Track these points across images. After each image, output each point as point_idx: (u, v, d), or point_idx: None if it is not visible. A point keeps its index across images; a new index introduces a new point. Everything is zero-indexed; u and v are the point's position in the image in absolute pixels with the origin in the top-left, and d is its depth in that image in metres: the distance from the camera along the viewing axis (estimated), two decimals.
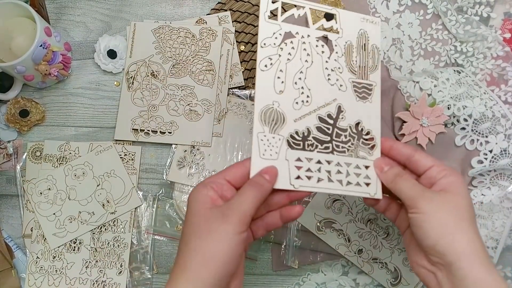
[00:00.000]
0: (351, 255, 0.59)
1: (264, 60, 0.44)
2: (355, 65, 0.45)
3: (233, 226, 0.38)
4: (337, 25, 0.46)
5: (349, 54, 0.46)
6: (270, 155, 0.43)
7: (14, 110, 0.62)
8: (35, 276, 0.60)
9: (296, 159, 0.43)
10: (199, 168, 0.62)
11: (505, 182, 0.59)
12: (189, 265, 0.38)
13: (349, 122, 0.45)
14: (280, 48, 0.45)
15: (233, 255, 0.38)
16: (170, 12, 0.67)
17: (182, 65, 0.64)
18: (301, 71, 0.45)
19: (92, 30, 0.67)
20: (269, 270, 0.61)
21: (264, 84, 0.44)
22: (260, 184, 0.40)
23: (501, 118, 0.58)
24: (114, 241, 0.61)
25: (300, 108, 0.44)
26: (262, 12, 0.45)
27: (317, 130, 0.44)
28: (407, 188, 0.42)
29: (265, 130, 0.43)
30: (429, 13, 0.64)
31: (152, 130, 0.63)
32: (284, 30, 0.45)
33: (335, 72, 0.45)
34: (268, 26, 0.45)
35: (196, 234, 0.39)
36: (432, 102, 0.59)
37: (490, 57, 0.62)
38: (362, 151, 0.45)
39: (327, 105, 0.45)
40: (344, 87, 0.45)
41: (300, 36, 0.46)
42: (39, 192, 0.61)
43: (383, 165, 0.45)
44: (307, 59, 0.45)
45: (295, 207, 0.43)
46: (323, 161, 0.44)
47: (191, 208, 0.41)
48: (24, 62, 0.56)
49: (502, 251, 0.59)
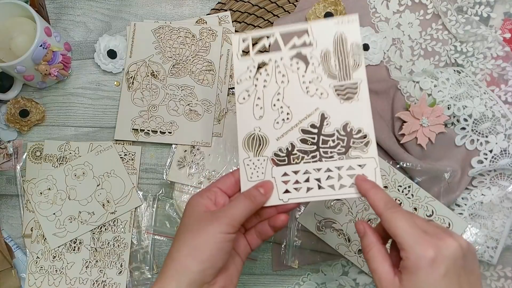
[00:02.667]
0: (351, 255, 0.59)
1: (241, 94, 0.47)
2: (335, 69, 0.45)
3: (221, 226, 0.41)
4: (309, 39, 0.46)
5: (327, 61, 0.46)
6: (257, 177, 0.46)
7: (14, 110, 0.62)
8: (35, 276, 0.60)
9: (283, 175, 0.45)
10: (199, 168, 0.62)
11: (505, 182, 0.59)
12: (177, 256, 0.41)
13: (336, 126, 0.45)
14: (255, 78, 0.47)
15: (219, 250, 0.41)
16: (170, 12, 0.67)
17: (182, 65, 0.64)
18: (278, 93, 0.46)
19: (92, 30, 0.67)
20: (269, 270, 0.61)
21: (244, 114, 0.47)
22: (253, 196, 0.44)
23: (501, 118, 0.58)
24: (114, 241, 0.61)
25: (281, 126, 0.46)
26: (235, 53, 0.48)
27: (301, 142, 0.45)
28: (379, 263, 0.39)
29: (249, 155, 0.46)
30: (429, 13, 0.64)
31: (152, 130, 0.63)
32: (257, 61, 0.47)
33: (313, 83, 0.46)
34: (241, 63, 0.47)
35: (187, 230, 0.43)
36: (432, 102, 0.59)
37: (490, 57, 0.62)
38: (355, 151, 0.44)
39: (308, 116, 0.46)
40: (325, 94, 0.45)
41: (273, 61, 0.47)
42: (39, 192, 0.61)
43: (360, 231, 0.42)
44: (283, 80, 0.46)
45: (280, 216, 0.45)
46: (311, 170, 0.45)
47: (187, 212, 0.45)
48: (24, 62, 0.56)
49: (502, 251, 0.59)
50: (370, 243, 0.41)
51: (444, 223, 0.58)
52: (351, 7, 0.65)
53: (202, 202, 0.44)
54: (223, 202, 0.45)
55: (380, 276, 0.39)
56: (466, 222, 0.58)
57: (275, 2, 0.66)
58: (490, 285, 0.60)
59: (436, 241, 0.37)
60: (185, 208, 0.45)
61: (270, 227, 0.46)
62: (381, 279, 0.39)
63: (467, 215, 0.59)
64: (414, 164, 0.59)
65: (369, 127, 0.45)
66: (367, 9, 0.65)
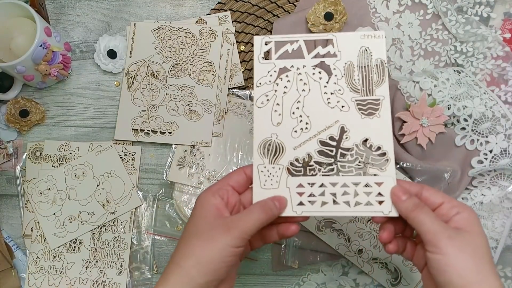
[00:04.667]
0: (351, 255, 0.59)
1: (260, 97, 0.46)
2: (357, 83, 0.45)
3: (232, 240, 0.40)
4: (334, 49, 0.46)
5: (350, 74, 0.45)
6: (271, 185, 0.44)
7: (14, 110, 0.62)
8: (35, 276, 0.60)
9: (298, 186, 0.44)
10: (199, 168, 0.62)
11: (505, 182, 0.59)
12: (183, 264, 0.41)
13: (355, 141, 0.44)
14: (275, 83, 0.46)
15: (225, 264, 0.40)
16: (170, 12, 0.67)
17: (182, 65, 0.64)
18: (298, 101, 0.45)
19: (92, 30, 0.67)
20: (269, 270, 0.61)
21: (262, 119, 0.46)
22: (269, 208, 0.42)
23: (501, 118, 0.58)
24: (114, 241, 0.61)
25: (299, 135, 0.45)
26: (256, 55, 0.47)
27: (319, 154, 0.44)
28: (429, 222, 0.40)
29: (264, 162, 0.45)
30: (429, 13, 0.64)
31: (152, 130, 0.63)
32: (279, 66, 0.46)
33: (335, 95, 0.45)
34: (262, 66, 0.46)
35: (197, 237, 0.41)
36: (432, 102, 0.59)
37: (490, 57, 0.62)
38: (373, 168, 0.43)
39: (328, 128, 0.45)
40: (346, 108, 0.45)
41: (296, 68, 0.46)
42: (39, 192, 0.61)
43: (401, 194, 0.42)
44: (304, 88, 0.46)
45: (291, 226, 0.44)
46: (327, 184, 0.44)
47: (199, 212, 0.43)
48: (24, 62, 0.56)
49: (502, 251, 0.59)
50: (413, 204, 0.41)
51: None
52: (351, 7, 0.65)
53: (214, 203, 0.43)
54: (234, 202, 0.44)
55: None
56: None
57: (275, 2, 0.66)
58: None
59: None
60: (195, 206, 0.44)
61: (277, 234, 0.45)
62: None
63: None
64: (414, 164, 0.59)
65: (389, 145, 0.44)
66: (367, 9, 0.65)
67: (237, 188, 0.45)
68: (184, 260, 0.41)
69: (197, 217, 0.43)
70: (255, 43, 0.47)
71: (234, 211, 0.44)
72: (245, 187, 0.45)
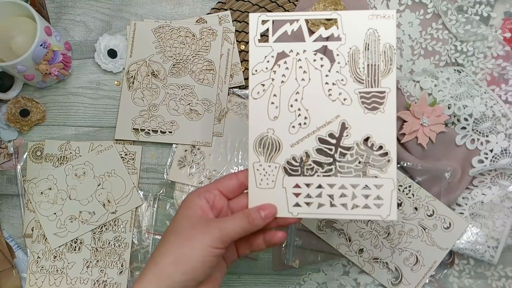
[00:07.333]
0: (351, 254, 0.59)
1: (256, 87, 0.42)
2: (362, 72, 0.41)
3: (212, 240, 0.40)
4: (338, 31, 0.41)
5: (355, 61, 0.41)
6: (266, 184, 0.42)
7: (15, 109, 0.62)
8: (36, 275, 0.60)
9: (294, 186, 0.42)
10: (200, 167, 0.62)
11: (506, 182, 0.59)
12: (159, 261, 0.40)
13: (356, 139, 0.41)
14: (273, 71, 0.42)
15: (203, 264, 0.40)
16: (170, 12, 0.67)
17: (183, 64, 0.64)
18: (297, 92, 0.42)
19: (92, 30, 0.67)
20: (270, 269, 0.61)
21: (257, 112, 0.42)
22: (252, 218, 0.41)
23: (501, 118, 0.58)
24: (115, 240, 0.61)
25: (297, 131, 0.42)
26: (252, 37, 0.43)
27: (317, 152, 0.42)
28: None
29: (260, 160, 0.43)
30: (429, 13, 0.64)
31: (153, 130, 0.63)
32: (277, 51, 0.42)
33: (337, 86, 0.41)
34: (258, 50, 0.42)
35: (177, 235, 0.41)
36: (432, 102, 0.60)
37: (491, 56, 0.62)
38: (373, 170, 0.41)
39: (328, 123, 0.42)
40: (348, 101, 0.41)
41: (295, 53, 0.42)
42: (40, 192, 0.61)
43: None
44: (303, 77, 0.42)
45: (278, 233, 0.43)
46: (325, 185, 0.42)
47: (183, 212, 0.43)
48: (25, 61, 0.56)
49: (503, 251, 0.59)
50: None
51: (444, 222, 0.58)
52: (351, 7, 0.65)
53: (199, 204, 0.42)
54: (221, 207, 0.43)
55: None
56: (466, 222, 0.59)
57: (275, 2, 0.66)
58: (491, 284, 0.60)
59: None
60: (180, 206, 0.43)
61: (264, 241, 0.44)
62: None
63: (468, 214, 0.59)
64: (414, 164, 0.59)
65: (392, 144, 0.41)
66: (367, 8, 0.65)
67: (226, 193, 0.44)
68: (161, 257, 0.40)
69: (180, 216, 0.42)
70: (251, 21, 0.42)
71: (221, 215, 0.44)
72: (235, 193, 0.44)
